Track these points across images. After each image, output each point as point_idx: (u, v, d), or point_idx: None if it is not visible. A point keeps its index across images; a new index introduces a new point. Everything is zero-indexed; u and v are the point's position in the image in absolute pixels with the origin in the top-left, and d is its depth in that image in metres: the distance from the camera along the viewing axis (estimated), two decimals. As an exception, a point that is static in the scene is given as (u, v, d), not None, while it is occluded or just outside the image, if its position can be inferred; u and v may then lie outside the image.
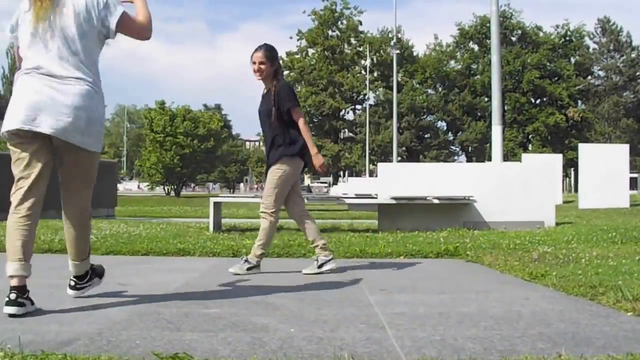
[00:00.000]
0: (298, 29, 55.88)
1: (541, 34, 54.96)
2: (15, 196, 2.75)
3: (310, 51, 55.91)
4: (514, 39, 54.41)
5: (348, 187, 21.12)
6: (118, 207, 14.41)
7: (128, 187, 56.63)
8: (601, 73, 55.50)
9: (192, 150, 40.00)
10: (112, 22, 2.88)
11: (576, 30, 54.85)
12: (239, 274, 4.08)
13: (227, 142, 44.89)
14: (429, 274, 4.24)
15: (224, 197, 7.73)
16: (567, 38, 54.78)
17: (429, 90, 55.83)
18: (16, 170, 2.78)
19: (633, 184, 25.14)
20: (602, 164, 14.35)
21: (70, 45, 2.79)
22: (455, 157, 56.37)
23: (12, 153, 2.78)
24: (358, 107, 57.12)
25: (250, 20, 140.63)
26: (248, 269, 4.14)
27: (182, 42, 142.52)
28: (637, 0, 69.65)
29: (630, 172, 19.07)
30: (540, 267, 4.13)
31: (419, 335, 2.41)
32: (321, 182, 54.19)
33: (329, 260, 4.19)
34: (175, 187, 42.03)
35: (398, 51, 40.07)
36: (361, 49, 54.38)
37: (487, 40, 46.94)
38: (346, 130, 57.39)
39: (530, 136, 53.80)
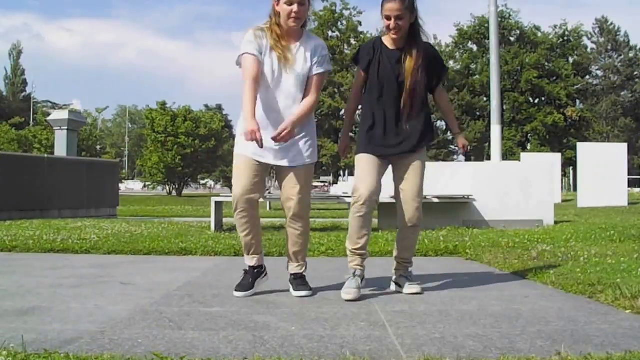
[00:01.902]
0: (298, 30, 55.92)
1: (539, 34, 54.95)
2: None
3: (310, 51, 55.91)
4: (512, 39, 54.38)
5: (348, 187, 21.10)
6: (120, 206, 14.42)
7: (130, 186, 56.60)
8: (599, 72, 55.58)
9: (193, 150, 39.96)
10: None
11: (574, 30, 54.88)
12: None
13: (228, 142, 44.67)
14: (428, 272, 4.24)
15: (225, 196, 7.72)
16: (565, 38, 54.79)
17: (428, 90, 55.78)
18: None
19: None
20: (601, 162, 14.38)
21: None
22: (455, 157, 56.37)
23: None
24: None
25: (250, 22, 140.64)
26: None
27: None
28: (635, 0, 69.63)
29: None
30: (539, 265, 4.15)
31: (419, 333, 2.42)
32: (321, 182, 54.22)
33: None
34: (177, 186, 41.97)
35: (397, 51, 39.96)
36: (361, 49, 54.35)
37: (486, 41, 46.94)
38: (346, 130, 57.37)
39: (529, 135, 53.81)
